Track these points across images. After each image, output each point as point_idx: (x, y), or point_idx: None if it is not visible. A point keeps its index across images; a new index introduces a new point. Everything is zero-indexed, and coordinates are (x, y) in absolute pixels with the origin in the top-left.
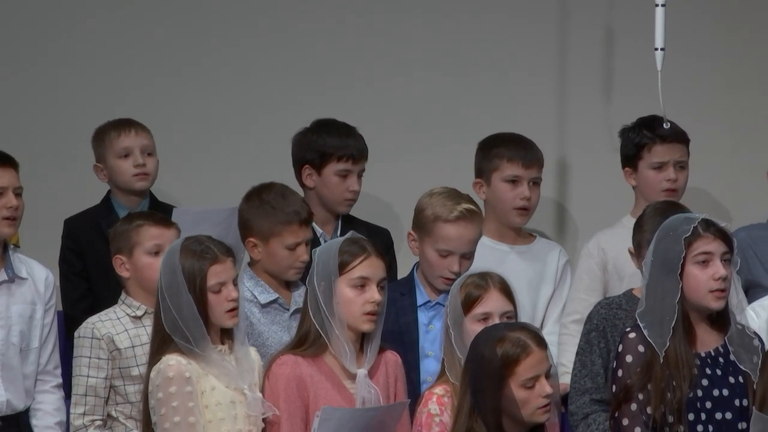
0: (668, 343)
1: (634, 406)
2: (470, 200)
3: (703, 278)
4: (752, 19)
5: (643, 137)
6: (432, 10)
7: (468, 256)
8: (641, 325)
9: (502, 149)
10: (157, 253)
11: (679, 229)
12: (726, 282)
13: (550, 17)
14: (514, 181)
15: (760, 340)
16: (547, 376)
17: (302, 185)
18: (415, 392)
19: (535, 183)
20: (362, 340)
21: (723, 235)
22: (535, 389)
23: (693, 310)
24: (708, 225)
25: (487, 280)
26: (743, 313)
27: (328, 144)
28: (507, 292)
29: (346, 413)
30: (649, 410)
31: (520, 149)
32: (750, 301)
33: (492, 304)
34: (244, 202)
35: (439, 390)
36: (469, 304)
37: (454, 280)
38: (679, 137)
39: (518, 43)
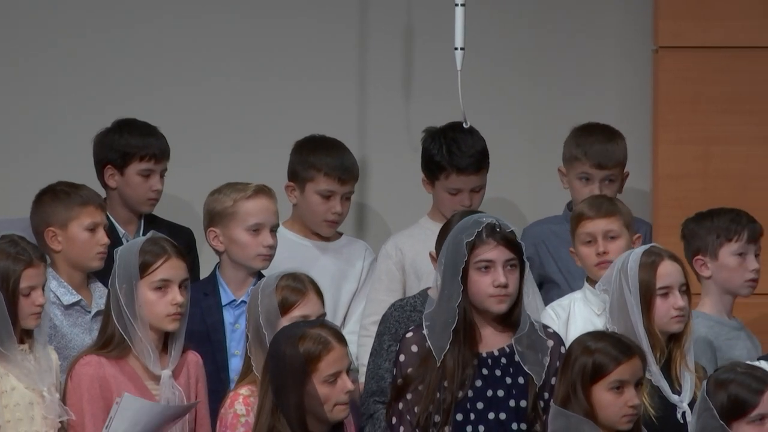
0: (447, 347)
1: (401, 405)
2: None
3: (484, 284)
4: (552, 19)
5: (442, 159)
6: (231, 11)
7: (275, 230)
8: (425, 326)
9: (320, 161)
10: None
11: (465, 233)
12: (507, 288)
13: (348, 17)
14: (328, 196)
15: (556, 339)
16: (347, 371)
17: (104, 185)
18: (225, 392)
19: (348, 198)
20: (165, 340)
21: (507, 242)
22: (337, 385)
23: (479, 312)
24: (493, 230)
25: (303, 282)
26: (540, 312)
27: (130, 144)
28: (320, 293)
29: (145, 405)
30: (416, 410)
31: (338, 162)
32: (544, 297)
33: (310, 307)
34: (34, 203)
35: (244, 390)
36: (286, 307)
37: (272, 255)
38: (477, 166)
39: (317, 44)
